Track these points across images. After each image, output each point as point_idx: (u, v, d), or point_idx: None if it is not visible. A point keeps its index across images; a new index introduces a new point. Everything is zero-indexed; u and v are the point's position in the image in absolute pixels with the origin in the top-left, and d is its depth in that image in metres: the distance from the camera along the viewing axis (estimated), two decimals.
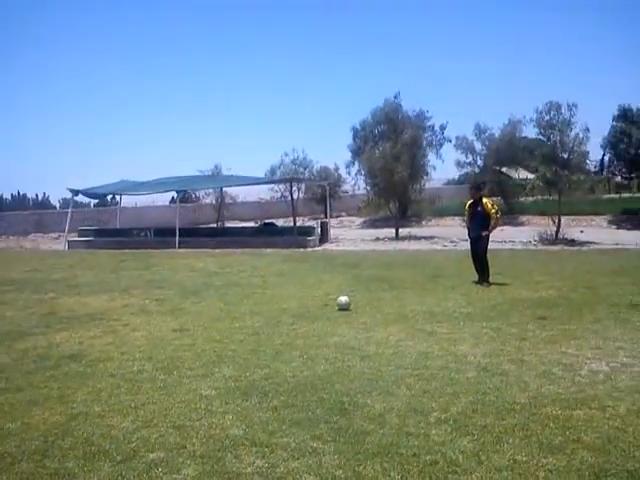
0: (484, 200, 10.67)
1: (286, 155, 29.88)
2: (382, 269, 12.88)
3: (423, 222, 28.58)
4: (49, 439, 4.09)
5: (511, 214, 27.52)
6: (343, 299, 8.50)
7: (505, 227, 25.05)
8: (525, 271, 11.89)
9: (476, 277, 10.63)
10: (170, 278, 12.42)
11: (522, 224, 25.25)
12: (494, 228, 10.73)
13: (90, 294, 10.45)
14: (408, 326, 7.32)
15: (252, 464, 3.67)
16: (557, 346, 6.14)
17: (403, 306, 8.60)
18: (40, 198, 51.53)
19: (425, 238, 21.62)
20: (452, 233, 23.15)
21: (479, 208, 10.60)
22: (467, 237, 11.43)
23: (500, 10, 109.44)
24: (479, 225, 10.66)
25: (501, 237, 20.35)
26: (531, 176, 25.01)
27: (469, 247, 11.13)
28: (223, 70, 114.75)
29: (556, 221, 18.37)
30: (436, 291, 9.84)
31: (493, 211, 10.51)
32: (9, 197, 50.67)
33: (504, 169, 30.19)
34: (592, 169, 33.88)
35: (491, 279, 10.48)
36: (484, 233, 10.60)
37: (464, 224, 11.22)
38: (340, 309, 8.38)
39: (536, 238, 18.28)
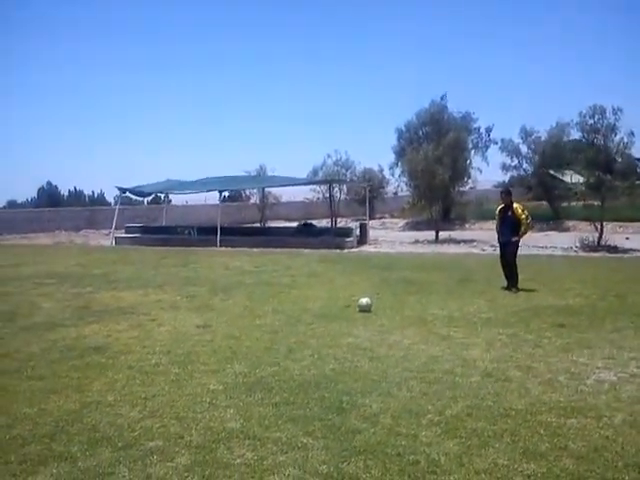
0: (515, 205, 10.58)
1: (329, 156, 30.11)
2: (413, 272, 12.90)
3: (466, 225, 28.30)
4: (60, 424, 4.38)
5: (558, 219, 26.95)
6: (364, 301, 8.61)
7: (550, 232, 24.70)
8: (557, 278, 11.70)
9: (505, 283, 10.54)
10: (205, 275, 12.79)
11: (568, 229, 24.66)
12: (524, 234, 10.63)
13: (126, 289, 10.89)
14: (425, 329, 7.37)
15: (242, 456, 3.85)
16: (569, 354, 6.10)
17: (424, 309, 8.65)
18: (96, 195, 53.18)
19: (465, 241, 21.40)
20: (493, 237, 22.86)
21: (509, 213, 10.54)
22: (497, 242, 11.37)
23: (548, 12, 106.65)
24: (509, 230, 10.59)
25: (543, 242, 20.05)
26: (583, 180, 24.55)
27: (493, 253, 11.05)
28: (271, 73, 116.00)
29: (599, 227, 17.90)
30: (462, 295, 9.82)
31: (523, 216, 10.41)
32: (66, 193, 52.50)
33: (557, 173, 29.50)
34: None
35: (520, 285, 10.36)
36: (514, 239, 10.52)
37: (496, 229, 11.13)
38: (361, 311, 8.49)
39: (577, 244, 17.87)
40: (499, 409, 4.58)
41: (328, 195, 29.57)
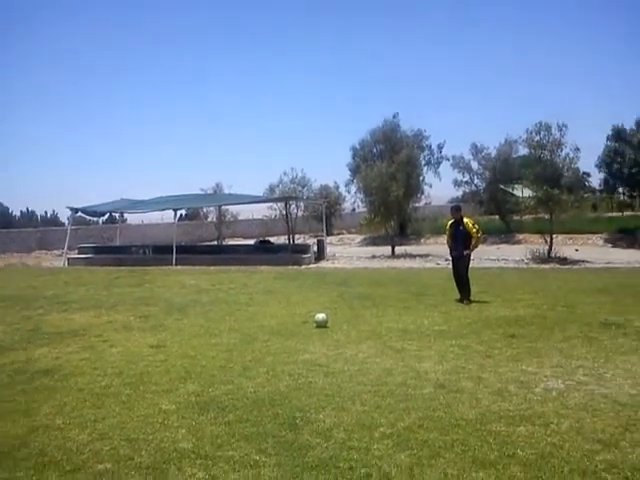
0: (465, 220, 10.88)
1: (285, 174, 30.21)
2: (369, 287, 13.01)
3: (422, 240, 28.74)
4: (5, 450, 4.25)
5: (509, 232, 27.63)
6: (320, 316, 8.64)
7: (502, 245, 25.31)
8: (509, 289, 11.98)
9: (458, 295, 10.73)
10: (159, 295, 12.61)
11: (519, 242, 25.32)
12: (475, 247, 10.92)
13: (78, 310, 10.65)
14: (379, 343, 7.44)
15: (193, 475, 3.80)
16: (519, 364, 6.25)
17: (380, 323, 8.73)
18: (49, 215, 51.92)
19: (420, 256, 21.72)
20: (448, 251, 23.29)
21: (461, 227, 10.81)
22: (449, 256, 11.62)
23: (497, 27, 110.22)
24: (461, 244, 10.84)
25: (495, 255, 20.52)
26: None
27: (447, 267, 11.30)
28: (226, 89, 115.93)
29: (549, 239, 18.44)
30: (416, 309, 9.95)
31: (474, 230, 10.72)
32: (18, 214, 51.11)
33: (509, 188, 30.30)
34: (597, 187, 34.05)
35: (473, 297, 10.57)
36: (466, 252, 10.77)
37: (447, 243, 11.40)
38: (318, 326, 8.51)
39: (528, 256, 18.35)
40: (450, 420, 4.65)
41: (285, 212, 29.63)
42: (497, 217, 30.04)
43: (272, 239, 28.51)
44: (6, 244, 32.02)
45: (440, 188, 32.66)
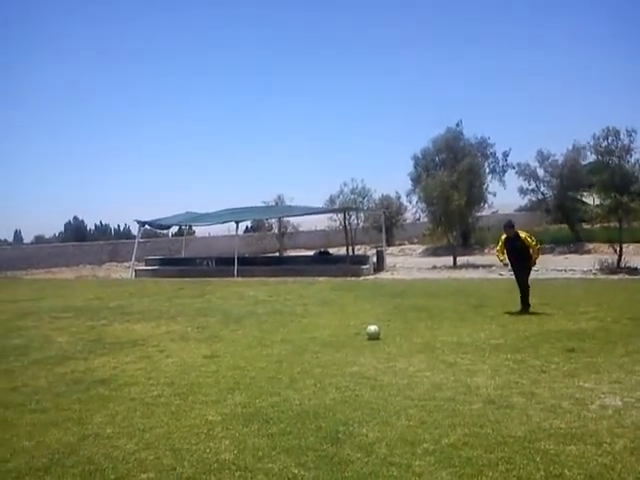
0: (522, 235, 10.76)
1: (345, 185, 30.27)
2: (426, 298, 12.80)
3: (486, 250, 28.03)
4: (55, 457, 4.42)
5: (578, 242, 26.60)
6: (372, 328, 8.57)
7: (570, 255, 24.41)
8: (573, 301, 11.51)
9: (520, 307, 10.47)
10: (218, 306, 12.85)
11: (588, 252, 24.31)
12: (536, 259, 10.81)
13: (139, 321, 11.00)
14: (432, 357, 7.29)
15: None
16: (575, 379, 5.97)
17: (434, 336, 8.56)
18: (122, 228, 54.02)
19: (483, 266, 21.18)
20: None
21: (517, 243, 10.69)
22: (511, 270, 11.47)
23: (565, 34, 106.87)
24: (521, 258, 10.66)
25: (562, 265, 19.79)
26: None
27: (511, 277, 11.08)
28: (288, 104, 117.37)
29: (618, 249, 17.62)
30: (473, 321, 9.71)
31: (533, 243, 10.64)
32: (92, 227, 53.43)
33: (578, 195, 29.19)
34: None
35: (535, 309, 10.31)
36: (528, 265, 10.71)
37: (499, 258, 11.17)
38: (370, 338, 8.44)
39: (596, 267, 17.59)
40: (497, 437, 4.49)
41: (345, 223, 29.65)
42: (565, 226, 28.97)
43: (332, 250, 28.55)
44: (80, 256, 33.53)
45: (506, 196, 31.85)
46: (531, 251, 10.54)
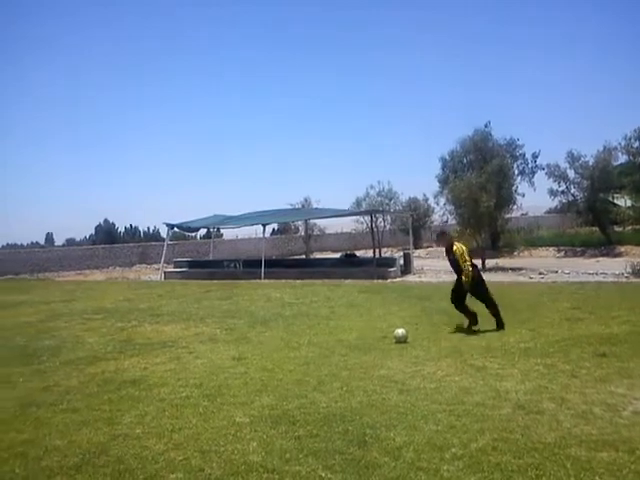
0: (454, 247, 9.29)
1: (372, 187, 30.23)
2: None
3: (516, 253, 27.69)
4: (87, 456, 4.49)
5: (609, 244, 26.11)
6: (400, 332, 8.52)
7: (602, 258, 23.99)
8: (604, 305, 11.28)
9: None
10: (246, 308, 12.94)
11: (620, 255, 23.84)
12: (467, 283, 9.31)
13: (169, 323, 11.13)
14: (460, 361, 7.22)
15: None
16: (607, 385, 5.86)
17: (462, 340, 8.49)
18: (151, 231, 54.83)
19: (513, 269, 20.97)
20: (543, 264, 22.38)
21: (452, 256, 9.34)
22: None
23: (594, 35, 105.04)
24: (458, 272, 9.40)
25: (594, 269, 19.47)
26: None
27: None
28: (314, 107, 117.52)
29: None
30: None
31: (462, 261, 9.20)
32: (122, 230, 54.35)
33: (609, 197, 28.65)
34: None
35: (565, 313, 10.15)
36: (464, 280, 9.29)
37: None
38: (397, 342, 8.40)
39: (629, 270, 17.25)
40: (526, 442, 4.43)
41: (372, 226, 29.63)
42: (596, 228, 28.46)
43: (359, 252, 28.52)
44: (110, 259, 34.14)
45: (536, 198, 31.38)
46: (463, 277, 9.23)
